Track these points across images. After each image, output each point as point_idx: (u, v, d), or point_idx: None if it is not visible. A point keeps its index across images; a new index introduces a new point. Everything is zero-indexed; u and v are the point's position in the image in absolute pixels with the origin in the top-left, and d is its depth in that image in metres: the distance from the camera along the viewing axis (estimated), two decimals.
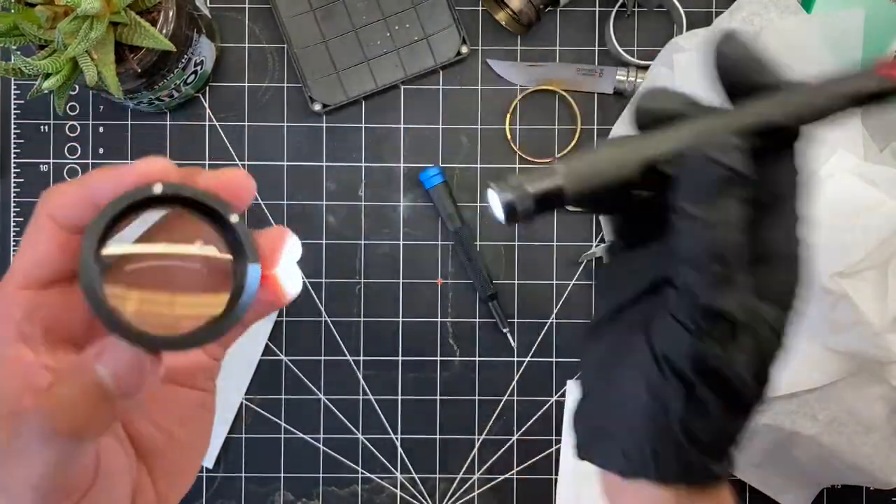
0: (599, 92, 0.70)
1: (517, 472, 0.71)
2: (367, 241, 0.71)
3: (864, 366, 0.60)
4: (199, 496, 0.70)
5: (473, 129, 0.71)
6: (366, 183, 0.71)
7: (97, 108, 0.70)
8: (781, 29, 0.61)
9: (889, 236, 0.58)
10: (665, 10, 0.71)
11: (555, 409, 0.71)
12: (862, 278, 0.58)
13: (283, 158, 0.70)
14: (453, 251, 0.71)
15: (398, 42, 0.69)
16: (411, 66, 0.69)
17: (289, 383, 0.70)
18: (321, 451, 0.70)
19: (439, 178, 0.69)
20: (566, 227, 0.71)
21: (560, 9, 0.70)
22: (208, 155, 0.70)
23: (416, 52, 0.69)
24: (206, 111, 0.70)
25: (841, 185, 0.60)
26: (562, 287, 0.71)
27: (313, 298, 0.70)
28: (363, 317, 0.71)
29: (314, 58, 0.69)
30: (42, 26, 0.55)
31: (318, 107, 0.69)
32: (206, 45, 0.65)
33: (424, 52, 0.69)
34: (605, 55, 0.71)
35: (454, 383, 0.71)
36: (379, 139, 0.71)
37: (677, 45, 0.63)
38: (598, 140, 0.70)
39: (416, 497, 0.71)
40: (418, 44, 0.69)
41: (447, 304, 0.71)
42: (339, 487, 0.70)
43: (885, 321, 0.58)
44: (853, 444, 0.61)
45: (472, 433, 0.71)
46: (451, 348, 0.71)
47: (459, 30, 0.69)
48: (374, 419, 0.71)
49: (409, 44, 0.69)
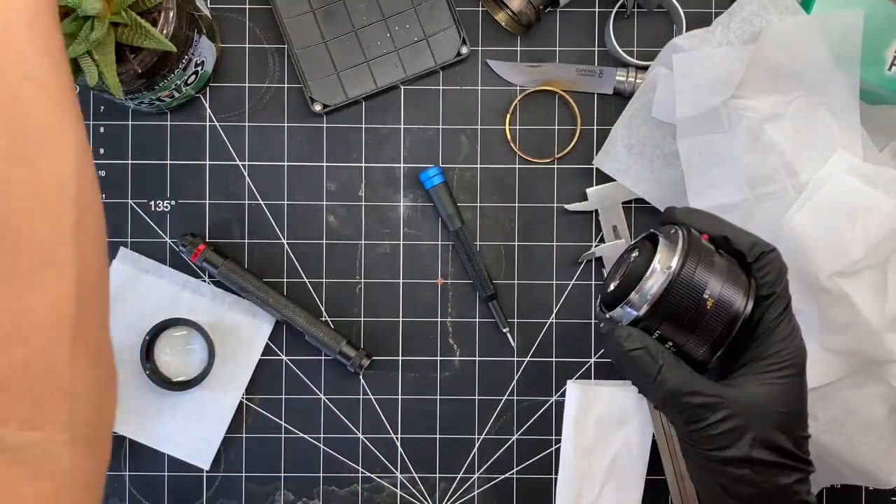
0: (599, 92, 0.70)
1: (517, 472, 0.71)
2: (367, 241, 0.71)
3: (863, 365, 0.60)
4: (199, 496, 0.70)
5: (473, 129, 0.71)
6: (366, 183, 0.71)
7: (98, 109, 0.70)
8: (781, 29, 0.61)
9: (888, 236, 0.58)
10: (665, 11, 0.71)
11: (555, 409, 0.71)
12: (861, 278, 0.58)
13: (283, 158, 0.70)
14: (453, 251, 0.71)
15: (398, 42, 0.69)
16: (411, 66, 0.70)
17: (289, 383, 0.70)
18: (321, 450, 0.71)
19: (439, 178, 0.69)
20: (566, 227, 0.71)
21: (560, 9, 0.70)
22: (209, 155, 0.70)
23: (416, 53, 0.69)
24: (207, 111, 0.70)
25: (840, 185, 0.60)
26: (562, 287, 0.71)
27: (313, 298, 0.70)
28: (363, 317, 0.71)
29: (314, 58, 0.69)
30: None
31: (319, 107, 0.69)
32: (207, 46, 0.66)
33: (424, 53, 0.69)
34: (604, 55, 0.71)
35: (454, 383, 0.71)
36: (379, 139, 0.71)
37: (677, 46, 0.63)
38: (597, 140, 0.70)
39: (416, 497, 0.71)
40: (418, 44, 0.69)
41: (447, 304, 0.71)
42: (339, 487, 0.71)
43: (884, 321, 0.58)
44: (852, 443, 0.61)
45: (472, 433, 0.71)
46: (451, 348, 0.71)
47: (459, 30, 0.69)
48: (374, 419, 0.71)
49: (409, 44, 0.69)
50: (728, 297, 0.48)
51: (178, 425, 0.70)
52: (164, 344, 0.69)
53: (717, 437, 0.47)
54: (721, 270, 0.49)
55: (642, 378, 0.48)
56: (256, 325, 0.70)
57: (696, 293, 0.48)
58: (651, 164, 0.68)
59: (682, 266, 0.48)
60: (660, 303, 0.48)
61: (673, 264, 0.48)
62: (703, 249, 0.49)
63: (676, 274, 0.48)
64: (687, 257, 0.48)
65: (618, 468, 0.69)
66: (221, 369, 0.70)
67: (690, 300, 0.48)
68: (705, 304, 0.48)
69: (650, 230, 0.52)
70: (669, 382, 0.47)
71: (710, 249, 0.50)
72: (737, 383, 0.48)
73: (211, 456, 0.70)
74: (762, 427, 0.47)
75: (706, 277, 0.48)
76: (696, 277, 0.48)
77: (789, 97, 0.62)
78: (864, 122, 0.63)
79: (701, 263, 0.48)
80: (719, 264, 0.49)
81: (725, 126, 0.62)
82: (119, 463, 0.70)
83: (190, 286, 0.70)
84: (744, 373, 0.49)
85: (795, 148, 0.61)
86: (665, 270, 0.48)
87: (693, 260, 0.48)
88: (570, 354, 0.71)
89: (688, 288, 0.48)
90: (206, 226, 0.70)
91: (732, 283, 0.49)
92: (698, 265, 0.48)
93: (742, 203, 0.62)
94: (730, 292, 0.48)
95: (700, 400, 0.47)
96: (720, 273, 0.49)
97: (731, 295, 0.48)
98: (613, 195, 0.70)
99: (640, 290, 0.48)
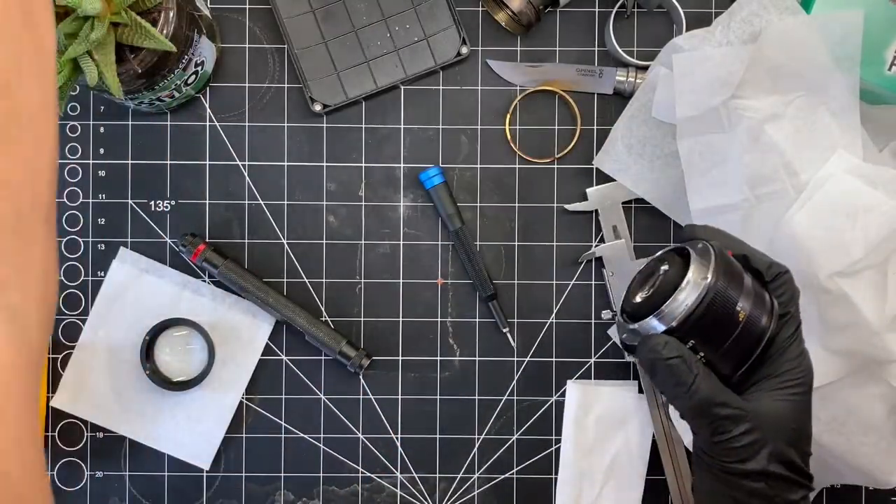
0: (599, 92, 0.70)
1: (517, 472, 0.71)
2: (367, 241, 0.71)
3: (863, 365, 0.60)
4: (199, 496, 0.70)
5: (473, 129, 0.71)
6: (366, 183, 0.71)
7: (98, 109, 0.70)
8: (781, 29, 0.61)
9: (888, 236, 0.58)
10: (665, 11, 0.71)
11: (555, 409, 0.71)
12: (861, 278, 0.58)
13: (283, 159, 0.70)
14: (453, 251, 0.71)
15: (398, 42, 0.69)
16: (411, 66, 0.70)
17: (289, 383, 0.70)
18: (321, 450, 0.71)
19: (439, 178, 0.69)
20: (566, 227, 0.71)
21: (560, 9, 0.70)
22: (209, 155, 0.70)
23: (416, 53, 0.69)
24: (207, 111, 0.70)
25: (840, 185, 0.60)
26: (562, 287, 0.71)
27: (313, 298, 0.70)
28: (363, 317, 0.71)
29: (314, 58, 0.69)
30: None
31: (319, 107, 0.69)
32: (207, 46, 0.66)
33: (424, 53, 0.69)
34: (604, 55, 0.71)
35: (454, 383, 0.71)
36: (379, 139, 0.71)
37: (677, 46, 0.63)
38: (597, 140, 0.70)
39: (416, 497, 0.71)
40: (418, 44, 0.69)
41: (447, 304, 0.71)
42: (339, 487, 0.71)
43: (884, 321, 0.58)
44: (853, 443, 0.61)
45: (472, 433, 0.71)
46: (451, 348, 0.71)
47: (459, 30, 0.69)
48: (374, 419, 0.71)
49: (409, 44, 0.69)
50: (757, 314, 0.49)
51: (178, 425, 0.70)
52: (164, 344, 0.69)
53: (739, 450, 0.48)
54: (748, 287, 0.49)
55: (677, 387, 0.49)
56: (256, 325, 0.70)
57: (729, 307, 0.48)
58: (651, 164, 0.68)
59: (717, 279, 0.48)
60: (693, 315, 0.48)
61: (709, 277, 0.48)
62: (732, 265, 0.50)
63: (712, 287, 0.48)
64: (720, 271, 0.49)
65: (618, 468, 0.69)
66: (221, 369, 0.70)
67: (724, 314, 0.48)
68: (737, 318, 0.48)
69: (676, 245, 0.53)
70: (703, 392, 0.48)
71: (738, 266, 0.50)
72: (753, 398, 0.49)
73: (211, 456, 0.70)
74: (777, 442, 0.48)
75: (737, 293, 0.49)
76: (729, 292, 0.48)
77: (789, 97, 0.62)
78: (864, 122, 0.63)
79: (732, 279, 0.49)
80: (747, 281, 0.50)
81: (725, 126, 0.62)
82: (119, 463, 0.70)
83: (190, 286, 0.70)
84: (758, 388, 0.50)
85: (795, 148, 0.61)
86: (699, 283, 0.48)
87: (726, 275, 0.49)
88: (570, 354, 0.71)
89: (723, 302, 0.48)
90: (206, 226, 0.70)
91: (759, 299, 0.49)
92: (730, 281, 0.49)
93: (742, 203, 0.62)
94: (758, 309, 0.49)
95: (727, 412, 0.48)
96: (748, 290, 0.49)
97: (759, 311, 0.49)
98: (613, 195, 0.70)
99: (673, 301, 0.49)
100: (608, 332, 0.71)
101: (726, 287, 0.48)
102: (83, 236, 0.70)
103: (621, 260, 0.69)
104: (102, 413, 0.69)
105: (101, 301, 0.70)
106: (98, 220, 0.70)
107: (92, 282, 0.70)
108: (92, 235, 0.70)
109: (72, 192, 0.70)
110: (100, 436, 0.70)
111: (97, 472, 0.70)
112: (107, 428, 0.70)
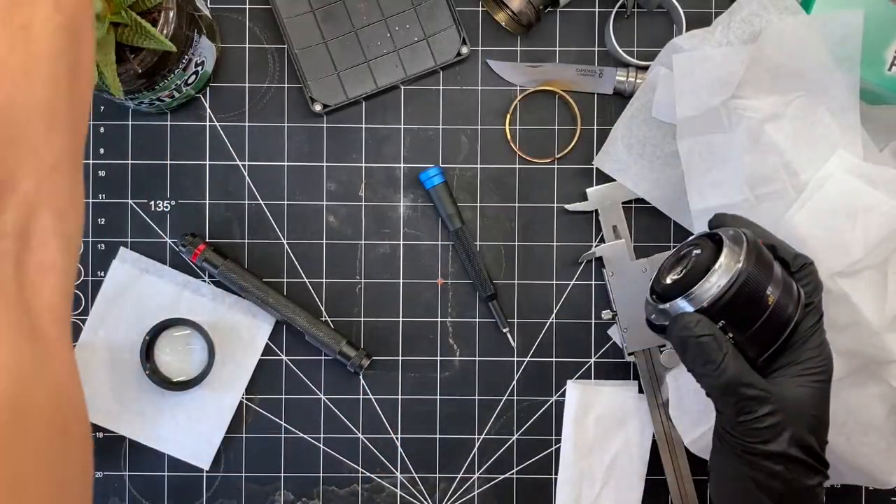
0: (599, 92, 0.70)
1: (517, 472, 0.71)
2: (367, 241, 0.71)
3: (863, 366, 0.60)
4: (199, 496, 0.70)
5: (473, 129, 0.71)
6: (366, 183, 0.71)
7: (98, 109, 0.70)
8: (781, 29, 0.61)
9: (888, 236, 0.58)
10: (665, 11, 0.71)
11: (555, 409, 0.71)
12: (861, 278, 0.58)
13: (283, 159, 0.70)
14: (453, 251, 0.71)
15: (398, 42, 0.69)
16: (411, 66, 0.70)
17: (289, 383, 0.70)
18: (321, 450, 0.71)
19: (439, 178, 0.69)
20: (566, 227, 0.71)
21: (560, 9, 0.70)
22: (209, 155, 0.70)
23: (416, 53, 0.69)
24: (207, 111, 0.70)
25: (841, 185, 0.60)
26: (562, 287, 0.71)
27: (313, 298, 0.70)
28: (363, 317, 0.71)
29: (314, 58, 0.69)
30: None
31: (319, 107, 0.69)
32: (207, 46, 0.66)
33: (424, 53, 0.69)
34: (604, 55, 0.71)
35: (454, 383, 0.71)
36: (379, 139, 0.71)
37: (677, 46, 0.63)
38: (597, 140, 0.70)
39: (416, 497, 0.71)
40: (418, 44, 0.69)
41: (447, 304, 0.71)
42: (339, 487, 0.71)
43: (884, 321, 0.58)
44: (852, 443, 0.61)
45: (472, 433, 0.71)
46: (451, 348, 0.71)
47: (459, 30, 0.69)
48: (374, 419, 0.71)
49: (409, 44, 0.69)
50: (784, 301, 0.51)
51: (178, 425, 0.70)
52: (164, 344, 0.69)
53: (762, 431, 0.49)
54: (777, 275, 0.51)
55: (706, 364, 0.50)
56: (256, 325, 0.70)
57: (759, 292, 0.50)
58: (651, 164, 0.68)
59: (748, 264, 0.50)
60: (724, 298, 0.50)
61: (741, 262, 0.50)
62: (763, 253, 0.51)
63: (744, 271, 0.50)
64: (752, 257, 0.50)
65: (618, 468, 0.69)
66: (221, 369, 0.70)
67: (754, 298, 0.50)
68: (766, 303, 0.50)
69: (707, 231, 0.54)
70: (731, 371, 0.49)
71: (769, 254, 0.52)
72: (776, 383, 0.51)
73: (211, 456, 0.70)
74: (797, 426, 0.50)
75: (767, 279, 0.50)
76: (759, 278, 0.50)
77: (789, 97, 0.62)
78: (864, 122, 0.63)
79: (763, 266, 0.50)
80: (776, 269, 0.51)
81: (725, 126, 0.62)
82: (119, 463, 0.70)
83: (190, 286, 0.70)
84: (781, 374, 0.51)
85: (795, 148, 0.61)
86: (732, 267, 0.50)
87: (757, 261, 0.50)
88: (570, 354, 0.71)
89: (753, 287, 0.50)
90: (206, 226, 0.70)
91: (787, 288, 0.51)
92: (762, 267, 0.50)
93: (742, 203, 0.62)
94: (785, 296, 0.51)
95: (753, 392, 0.49)
96: (777, 277, 0.51)
97: (786, 299, 0.51)
98: (613, 195, 0.70)
99: (704, 283, 0.50)
100: (608, 332, 0.71)
101: (758, 273, 0.50)
102: (83, 236, 0.70)
103: (621, 260, 0.69)
104: (102, 413, 0.69)
105: (101, 301, 0.70)
106: (98, 220, 0.70)
107: (92, 282, 0.70)
108: (92, 235, 0.70)
109: None
110: (100, 436, 0.70)
111: (97, 472, 0.70)
112: (107, 428, 0.70)
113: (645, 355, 0.69)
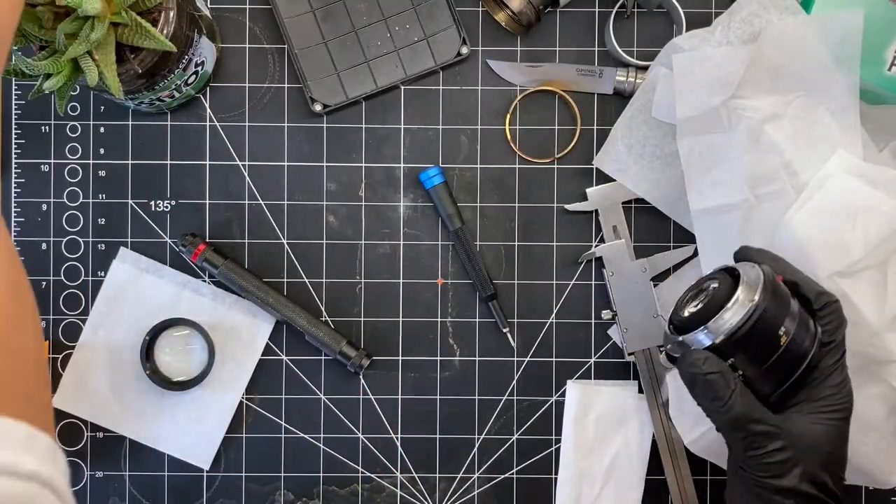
0: (599, 92, 0.70)
1: (517, 472, 0.71)
2: (367, 241, 0.71)
3: (862, 365, 0.60)
4: (199, 496, 0.70)
5: (473, 129, 0.71)
6: (366, 183, 0.71)
7: (98, 109, 0.70)
8: (781, 29, 0.61)
9: (888, 236, 0.58)
10: (665, 11, 0.71)
11: (555, 409, 0.71)
12: (861, 278, 0.58)
13: (283, 159, 0.70)
14: (453, 251, 0.71)
15: (398, 43, 0.69)
16: (411, 66, 0.70)
17: (289, 383, 0.70)
18: (321, 450, 0.71)
19: (439, 178, 0.69)
20: (566, 227, 0.71)
21: (560, 9, 0.70)
22: (209, 155, 0.70)
23: (416, 53, 0.69)
24: (207, 111, 0.70)
25: (840, 185, 0.60)
26: (562, 287, 0.71)
27: (313, 298, 0.70)
28: (363, 317, 0.71)
29: (314, 58, 0.69)
30: (43, 27, 0.55)
31: (319, 107, 0.69)
32: (207, 46, 0.66)
33: (424, 53, 0.69)
34: (604, 55, 0.71)
35: (454, 383, 0.71)
36: (379, 139, 0.71)
37: (677, 46, 0.63)
38: (597, 140, 0.70)
39: (416, 497, 0.71)
40: (418, 44, 0.69)
41: (447, 304, 0.71)
42: (339, 487, 0.71)
43: (884, 321, 0.58)
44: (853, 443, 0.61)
45: (472, 433, 0.71)
46: (451, 348, 0.71)
47: (459, 30, 0.69)
48: (374, 419, 0.71)
49: (409, 44, 0.69)
50: (799, 339, 0.51)
51: (178, 425, 0.70)
52: (164, 344, 0.69)
53: (772, 466, 0.50)
54: (794, 312, 0.51)
55: (714, 401, 0.51)
56: (256, 325, 0.70)
57: (773, 329, 0.50)
58: (651, 164, 0.68)
59: (763, 301, 0.50)
60: (738, 333, 0.50)
61: (756, 298, 0.50)
62: (780, 289, 0.52)
63: (759, 308, 0.50)
64: (767, 294, 0.50)
65: (618, 468, 0.69)
66: (221, 369, 0.70)
67: (767, 335, 0.50)
68: (779, 341, 0.50)
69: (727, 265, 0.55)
70: (738, 408, 0.50)
71: (786, 291, 0.52)
72: (790, 419, 0.51)
73: (211, 456, 0.70)
74: (810, 463, 0.50)
75: (783, 316, 0.51)
76: (774, 314, 0.50)
77: (789, 97, 0.62)
78: (864, 122, 0.63)
79: (779, 302, 0.51)
80: (793, 306, 0.52)
81: (725, 126, 0.62)
82: (119, 463, 0.70)
83: (190, 286, 0.70)
84: (797, 410, 0.52)
85: (795, 148, 0.61)
86: (747, 303, 0.50)
87: (773, 298, 0.51)
88: (570, 354, 0.71)
89: (767, 323, 0.50)
90: (206, 226, 0.70)
91: (803, 325, 0.51)
92: (777, 304, 0.51)
93: (742, 203, 0.62)
94: (801, 334, 0.51)
95: (762, 428, 0.50)
96: (793, 314, 0.51)
97: (802, 337, 0.51)
98: (613, 195, 0.70)
99: (719, 318, 0.51)
100: (608, 332, 0.71)
101: (772, 309, 0.50)
102: (83, 236, 0.70)
103: (621, 260, 0.69)
104: (102, 413, 0.69)
105: (101, 301, 0.70)
106: (98, 220, 0.70)
107: (92, 282, 0.70)
108: (92, 235, 0.70)
109: (72, 192, 0.70)
110: (100, 436, 0.70)
111: (97, 472, 0.70)
112: (107, 428, 0.70)
113: (645, 355, 0.69)
